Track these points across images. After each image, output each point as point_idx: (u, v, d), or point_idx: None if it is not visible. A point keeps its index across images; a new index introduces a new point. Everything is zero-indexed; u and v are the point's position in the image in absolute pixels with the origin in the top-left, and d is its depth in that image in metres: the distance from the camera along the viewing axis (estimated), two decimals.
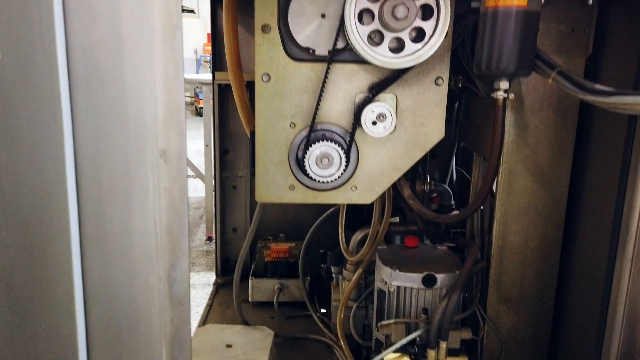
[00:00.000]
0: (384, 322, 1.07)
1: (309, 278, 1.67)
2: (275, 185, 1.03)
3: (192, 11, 11.47)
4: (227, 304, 1.73)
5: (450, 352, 1.04)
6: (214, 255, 2.04)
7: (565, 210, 1.07)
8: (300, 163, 1.00)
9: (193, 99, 10.48)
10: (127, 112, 0.65)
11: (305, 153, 0.97)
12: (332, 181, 1.00)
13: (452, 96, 1.33)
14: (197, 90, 9.14)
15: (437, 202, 1.41)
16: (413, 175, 1.31)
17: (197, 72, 11.22)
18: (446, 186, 1.38)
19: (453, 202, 1.37)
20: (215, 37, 1.78)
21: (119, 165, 0.66)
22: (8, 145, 0.59)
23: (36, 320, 0.63)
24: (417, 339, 1.03)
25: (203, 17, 11.54)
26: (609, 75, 0.95)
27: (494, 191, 1.08)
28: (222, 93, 1.81)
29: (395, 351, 1.04)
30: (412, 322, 1.05)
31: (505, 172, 1.06)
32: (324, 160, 0.98)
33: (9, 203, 0.59)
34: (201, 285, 2.74)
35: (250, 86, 1.35)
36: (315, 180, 0.99)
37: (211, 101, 1.82)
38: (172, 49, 0.65)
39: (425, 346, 1.01)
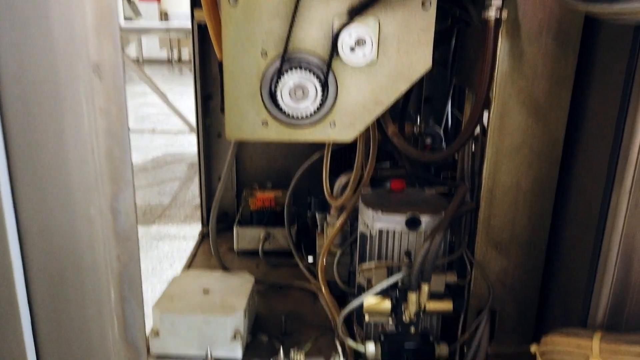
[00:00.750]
0: (364, 266, 1.01)
1: (295, 226, 1.62)
2: (247, 121, 0.95)
3: None
4: (212, 253, 1.69)
5: (435, 295, 0.98)
6: (199, 203, 1.98)
7: (562, 147, 0.99)
8: (273, 96, 0.91)
9: None
10: (50, 19, 0.56)
11: (279, 84, 0.89)
12: (307, 116, 0.92)
13: (446, 35, 1.23)
14: None
15: (429, 149, 1.33)
16: (402, 115, 1.23)
17: None
18: (437, 128, 1.29)
19: (444, 145, 1.29)
20: None
21: (47, 83, 0.58)
22: None
23: None
24: (399, 282, 0.98)
25: None
26: None
27: (485, 128, 1.00)
28: (203, 33, 1.70)
29: (376, 295, 0.99)
30: (394, 265, 1.00)
31: (498, 107, 0.97)
32: (298, 92, 0.89)
33: None
34: (193, 237, 2.69)
35: None
36: (289, 115, 0.91)
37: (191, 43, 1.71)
38: None
39: (407, 290, 0.95)
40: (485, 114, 0.99)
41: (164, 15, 11.30)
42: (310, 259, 1.58)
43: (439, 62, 1.23)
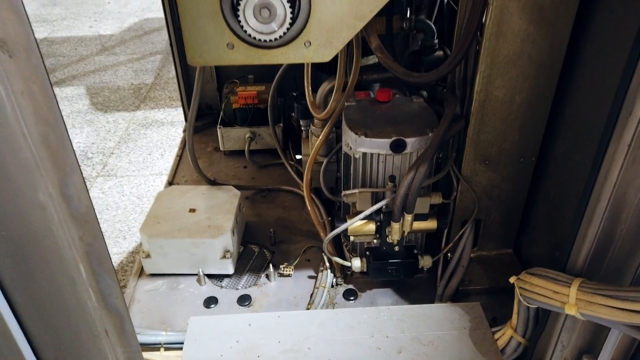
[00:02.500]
0: (347, 191, 0.99)
1: (281, 125, 1.56)
2: (209, 44, 0.84)
3: None
4: (199, 153, 1.66)
5: (419, 217, 0.98)
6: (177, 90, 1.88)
7: (564, 59, 0.89)
8: (235, 13, 0.79)
9: None
10: None
11: (239, 3, 0.76)
12: (277, 38, 0.80)
13: None
14: None
15: (419, 40, 1.20)
16: (390, 8, 1.09)
17: None
18: (428, 21, 1.15)
19: (436, 40, 1.16)
20: None
21: None
22: None
23: None
24: (383, 207, 0.96)
25: None
26: None
27: (480, 35, 0.88)
28: None
29: (360, 219, 0.98)
30: (378, 191, 0.97)
31: (496, 11, 0.85)
32: (263, 12, 0.77)
33: None
34: (180, 123, 2.62)
35: None
36: (256, 37, 0.80)
37: None
38: None
39: (391, 218, 0.94)
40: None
41: None
42: (298, 157, 1.55)
43: None
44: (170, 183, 1.51)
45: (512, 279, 0.80)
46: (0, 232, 0.59)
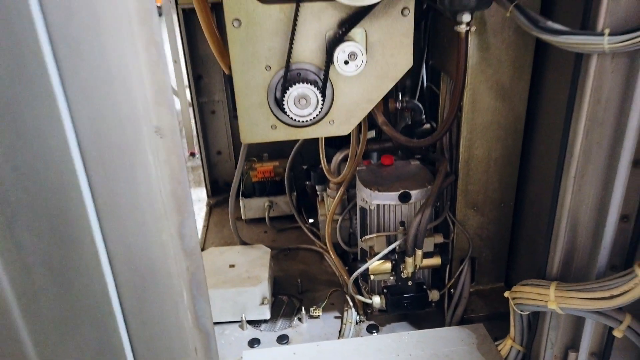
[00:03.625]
0: (367, 237, 1.21)
1: (295, 193, 1.80)
2: (258, 126, 1.10)
3: None
4: (222, 223, 1.87)
5: (425, 255, 1.20)
6: (200, 172, 2.12)
7: (524, 123, 1.17)
8: (279, 103, 1.06)
9: None
10: (117, 96, 0.70)
11: (284, 95, 1.03)
12: (311, 120, 1.07)
13: (420, 14, 1.35)
14: None
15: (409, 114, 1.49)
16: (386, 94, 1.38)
17: None
18: (417, 102, 1.45)
19: (424, 116, 1.46)
20: None
21: (119, 145, 0.72)
22: (16, 144, 0.64)
23: (74, 284, 0.73)
24: (397, 247, 1.18)
25: None
26: (562, 8, 0.99)
27: (460, 110, 1.17)
28: (188, 18, 1.77)
29: (379, 259, 1.20)
30: (391, 234, 1.20)
31: (470, 92, 1.14)
32: (301, 101, 1.04)
33: (31, 192, 0.66)
34: (200, 201, 2.86)
35: (215, 8, 1.35)
36: (295, 120, 1.06)
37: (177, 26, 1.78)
38: (151, 32, 0.68)
39: (404, 253, 1.17)
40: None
41: None
42: (311, 220, 1.78)
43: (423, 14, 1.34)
44: (202, 249, 1.71)
45: (506, 294, 1.02)
46: (129, 266, 0.80)
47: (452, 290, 1.32)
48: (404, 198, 1.19)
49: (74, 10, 0.63)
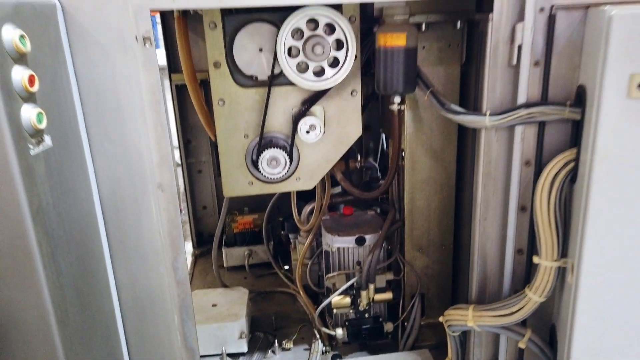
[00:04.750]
0: (329, 275, 1.44)
1: (272, 243, 2.02)
2: (237, 183, 1.34)
3: None
4: (207, 270, 2.07)
5: (379, 290, 1.42)
6: (187, 226, 2.33)
7: (455, 178, 1.44)
8: (255, 164, 1.31)
9: None
10: (131, 160, 0.95)
11: (259, 158, 1.29)
12: (281, 178, 1.32)
13: (371, 93, 1.65)
14: None
15: (368, 174, 1.76)
16: (347, 155, 1.65)
17: None
18: (372, 162, 1.72)
19: (379, 174, 1.73)
20: (168, 44, 2.00)
21: (130, 196, 0.96)
22: (61, 196, 0.87)
23: (92, 304, 0.94)
24: (355, 284, 1.41)
25: None
26: (477, 79, 1.29)
27: (402, 169, 1.43)
28: (180, 92, 2.06)
29: (340, 294, 1.41)
30: (350, 272, 1.42)
31: (409, 154, 1.41)
32: (273, 162, 1.29)
33: (67, 231, 0.88)
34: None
35: (203, 84, 1.62)
36: (267, 177, 1.31)
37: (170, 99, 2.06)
38: (158, 115, 0.94)
39: (360, 288, 1.38)
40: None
41: None
42: (286, 267, 1.99)
43: (373, 96, 1.63)
44: None
45: (440, 318, 1.23)
46: (132, 292, 1.02)
47: (405, 322, 1.52)
48: (360, 242, 1.42)
49: (103, 98, 0.90)
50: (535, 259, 1.02)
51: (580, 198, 0.87)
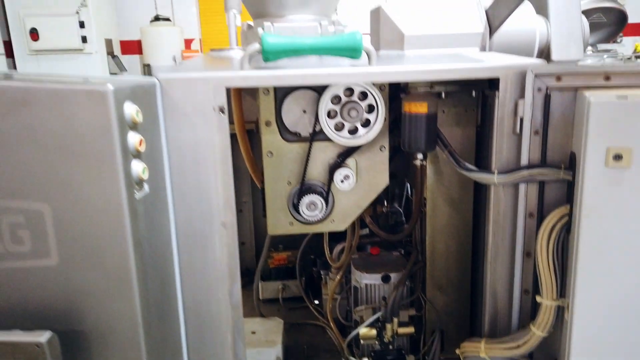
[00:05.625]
0: (357, 308, 1.61)
1: (304, 278, 2.21)
2: (280, 223, 1.55)
3: (167, 19, 11.74)
4: (244, 302, 2.25)
5: (402, 324, 1.58)
6: None
7: (472, 225, 1.62)
8: (295, 207, 1.52)
9: None
10: (202, 203, 1.17)
11: (299, 202, 1.50)
12: (317, 220, 1.52)
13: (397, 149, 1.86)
14: None
15: (394, 218, 1.95)
16: (375, 200, 1.85)
17: None
18: (397, 207, 1.91)
19: (403, 218, 1.91)
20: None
21: (200, 232, 1.18)
22: (152, 231, 1.08)
23: (166, 321, 1.14)
24: (380, 317, 1.57)
25: (179, 25, 11.83)
26: (486, 133, 1.48)
27: (424, 215, 1.62)
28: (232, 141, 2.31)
29: (367, 326, 1.58)
30: (376, 306, 1.59)
31: (430, 203, 1.60)
32: (311, 206, 1.50)
33: (153, 259, 1.09)
34: None
35: (250, 134, 1.86)
36: (306, 219, 1.52)
37: None
38: (226, 168, 1.17)
39: (385, 321, 1.55)
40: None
41: (146, 68, 11.91)
42: (316, 302, 2.17)
43: (398, 149, 1.83)
44: None
45: (457, 351, 1.39)
46: (195, 314, 1.22)
47: (425, 356, 1.67)
48: (386, 279, 1.60)
49: (185, 154, 1.13)
50: (538, 298, 1.18)
51: (573, 247, 1.04)
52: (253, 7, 1.85)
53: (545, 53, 1.59)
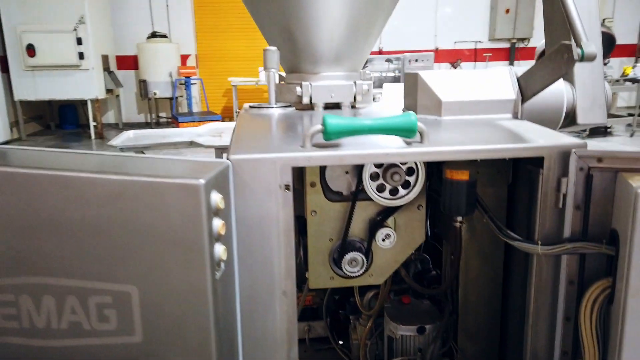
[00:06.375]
0: (393, 359, 1.67)
1: (328, 319, 2.26)
2: (321, 277, 1.62)
3: (164, 36, 11.81)
4: None
5: None
6: None
7: (502, 278, 1.70)
8: (336, 263, 1.58)
9: None
10: (265, 272, 1.23)
11: (342, 259, 1.56)
12: (357, 275, 1.59)
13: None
14: None
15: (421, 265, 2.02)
16: None
17: (173, 94, 11.54)
18: (424, 254, 1.99)
19: (431, 265, 1.99)
20: None
21: (262, 299, 1.24)
22: (226, 301, 1.14)
23: None
24: None
25: (175, 41, 11.91)
26: (521, 196, 1.57)
27: (458, 269, 1.69)
28: None
29: None
30: (411, 358, 1.66)
31: (463, 257, 1.68)
32: (352, 262, 1.57)
33: (224, 331, 1.14)
34: None
35: None
36: (346, 274, 1.59)
37: None
38: (289, 240, 1.23)
39: None
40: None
41: (142, 84, 11.92)
42: (341, 342, 2.22)
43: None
44: None
45: None
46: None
47: None
48: (421, 331, 1.67)
49: (252, 228, 1.19)
50: None
51: (618, 323, 1.13)
52: (288, 62, 1.94)
53: (571, 116, 1.69)
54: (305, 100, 1.79)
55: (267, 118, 1.74)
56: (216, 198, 1.00)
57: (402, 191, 1.52)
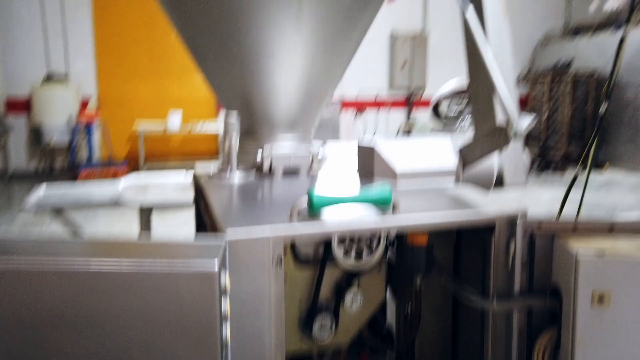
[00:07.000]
0: None
1: None
2: (291, 341, 1.65)
3: (62, 78, 11.08)
4: None
5: None
6: None
7: (451, 334, 1.86)
8: (307, 325, 1.63)
9: None
10: (255, 346, 1.25)
11: (312, 322, 1.62)
12: (327, 337, 1.65)
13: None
14: None
15: None
16: None
17: (73, 139, 10.74)
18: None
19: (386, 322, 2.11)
20: None
21: (250, 353, 1.24)
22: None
23: None
24: None
25: (75, 80, 11.14)
26: (469, 257, 1.76)
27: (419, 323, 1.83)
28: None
29: None
30: None
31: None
32: (323, 326, 1.63)
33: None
34: None
35: None
36: (317, 337, 1.64)
37: None
38: (279, 312, 1.27)
39: None
40: None
41: (34, 130, 10.91)
42: None
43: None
44: None
45: None
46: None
47: None
48: None
49: (244, 301, 1.22)
50: None
51: None
52: (243, 124, 2.00)
53: (499, 179, 1.96)
54: (266, 166, 1.87)
55: (237, 189, 1.78)
56: (225, 279, 1.03)
57: (365, 255, 1.63)
